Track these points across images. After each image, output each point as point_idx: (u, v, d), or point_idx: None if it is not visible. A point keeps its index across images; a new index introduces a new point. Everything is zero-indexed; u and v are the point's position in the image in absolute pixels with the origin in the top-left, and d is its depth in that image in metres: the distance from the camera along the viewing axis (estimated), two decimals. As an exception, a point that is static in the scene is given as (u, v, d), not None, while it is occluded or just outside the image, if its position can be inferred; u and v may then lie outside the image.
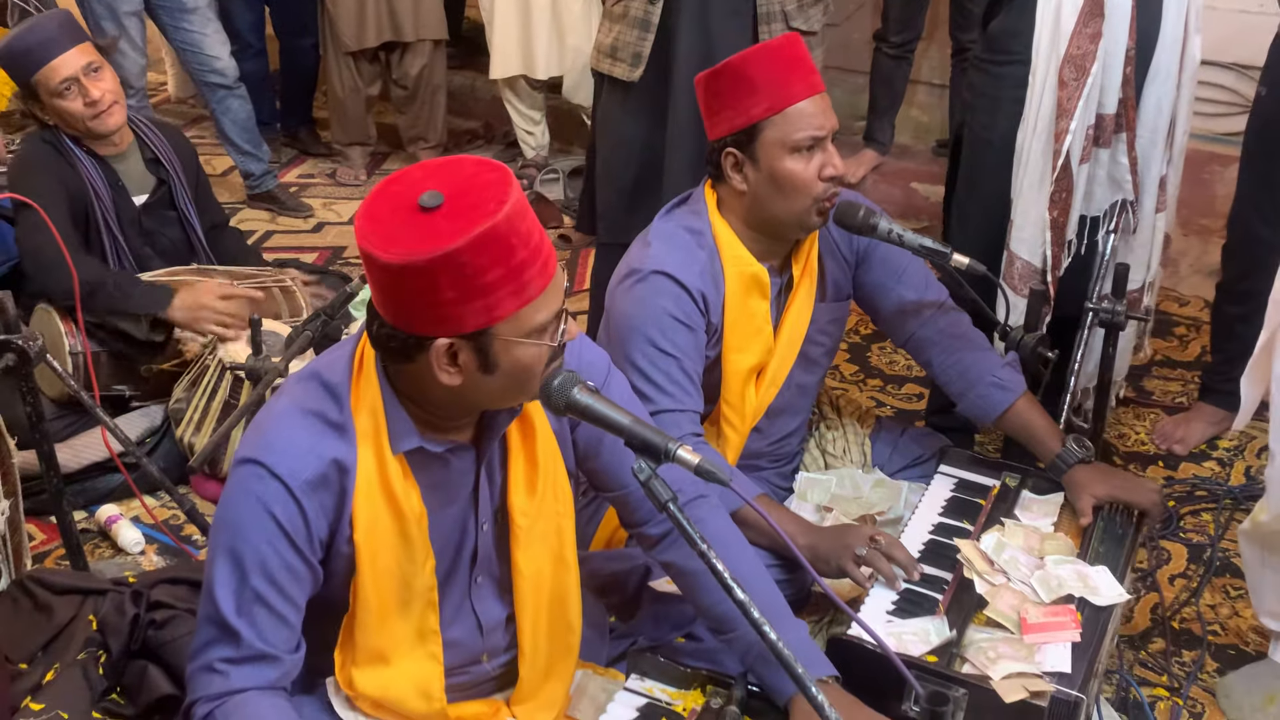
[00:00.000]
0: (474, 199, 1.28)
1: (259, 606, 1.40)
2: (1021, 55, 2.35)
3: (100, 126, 2.65)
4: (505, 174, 1.32)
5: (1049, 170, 2.34)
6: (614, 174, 2.72)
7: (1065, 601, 1.76)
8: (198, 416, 2.53)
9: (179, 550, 2.44)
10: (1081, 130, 2.32)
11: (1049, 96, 2.32)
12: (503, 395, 1.41)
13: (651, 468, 1.33)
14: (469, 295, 1.29)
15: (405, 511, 1.44)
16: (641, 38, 2.55)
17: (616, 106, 2.67)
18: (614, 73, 2.60)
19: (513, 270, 1.29)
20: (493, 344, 1.33)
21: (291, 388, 1.47)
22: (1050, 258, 2.45)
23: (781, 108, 1.92)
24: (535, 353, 1.35)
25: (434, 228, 1.27)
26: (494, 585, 1.59)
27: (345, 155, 4.81)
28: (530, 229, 1.31)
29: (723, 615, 1.57)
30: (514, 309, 1.31)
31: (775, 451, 2.24)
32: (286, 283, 2.89)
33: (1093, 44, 2.26)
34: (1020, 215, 2.44)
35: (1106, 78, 2.29)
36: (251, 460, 1.40)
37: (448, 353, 1.34)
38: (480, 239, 1.26)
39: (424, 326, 1.33)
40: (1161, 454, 2.94)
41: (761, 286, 2.03)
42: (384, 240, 1.29)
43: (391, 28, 4.44)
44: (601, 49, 2.64)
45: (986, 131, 2.52)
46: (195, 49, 3.96)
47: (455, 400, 1.41)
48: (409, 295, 1.31)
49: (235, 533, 1.40)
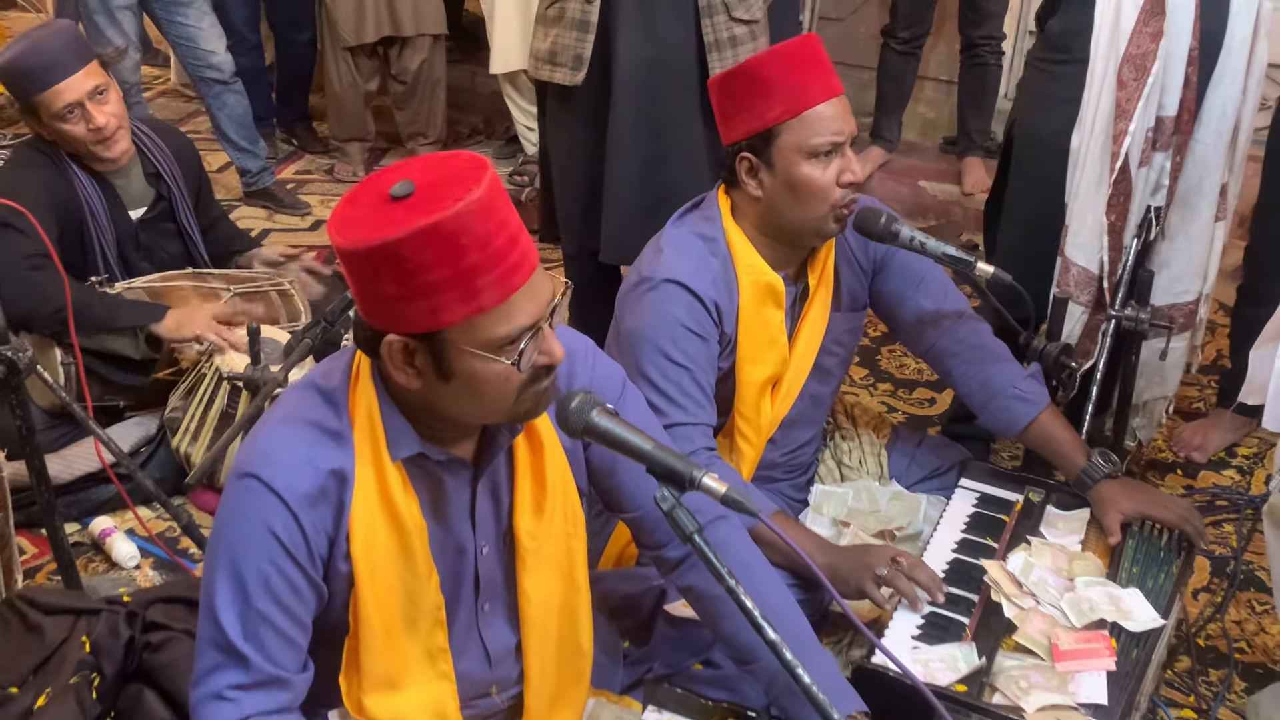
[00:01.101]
0: (439, 192, 1.21)
1: (265, 628, 1.34)
2: (1080, 54, 2.28)
3: (103, 152, 2.55)
4: (480, 170, 1.23)
5: (1107, 173, 2.26)
6: (570, 184, 2.65)
7: (1098, 626, 1.70)
8: (194, 426, 2.46)
9: (175, 565, 2.37)
10: (1141, 132, 2.24)
11: (1107, 97, 2.24)
12: (471, 408, 1.33)
13: (675, 496, 1.26)
14: (412, 293, 1.21)
15: (405, 523, 1.38)
16: (581, 39, 2.47)
17: (563, 114, 2.59)
18: (554, 78, 2.52)
19: (461, 273, 1.20)
20: (446, 350, 1.26)
21: (288, 397, 1.41)
22: (1107, 262, 2.36)
23: (798, 111, 1.85)
24: (497, 369, 1.27)
25: (389, 217, 1.20)
26: (503, 612, 1.52)
27: (343, 151, 4.73)
28: (491, 232, 1.21)
29: (746, 645, 1.51)
30: (463, 315, 1.23)
31: (789, 462, 2.18)
32: (284, 286, 2.81)
33: (1153, 43, 2.18)
34: (1076, 220, 2.36)
35: (1168, 79, 2.21)
36: (248, 474, 1.33)
37: (402, 351, 1.28)
38: (421, 234, 1.18)
39: (374, 319, 1.28)
40: (1180, 462, 2.88)
41: (776, 296, 1.96)
42: (343, 223, 1.24)
43: (391, 22, 4.36)
44: (539, 56, 2.54)
45: (1039, 130, 2.45)
46: (190, 43, 3.88)
47: (432, 408, 1.34)
48: (357, 283, 1.26)
49: (235, 552, 1.33)
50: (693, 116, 2.57)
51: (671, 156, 2.58)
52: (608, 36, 2.48)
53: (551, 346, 1.31)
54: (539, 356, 1.30)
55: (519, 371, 1.28)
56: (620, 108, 2.51)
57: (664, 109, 2.53)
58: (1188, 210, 2.41)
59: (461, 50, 5.38)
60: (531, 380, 1.31)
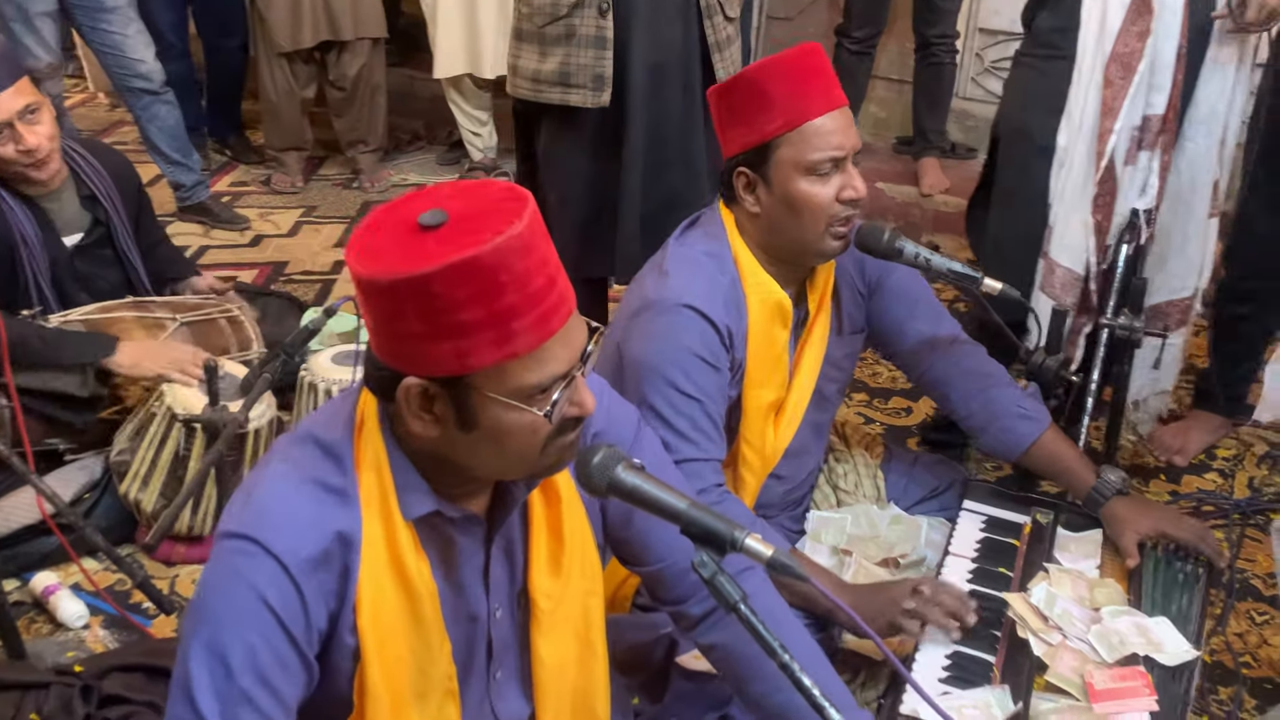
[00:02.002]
0: (475, 224, 1.09)
1: (247, 710, 1.18)
2: (1067, 51, 2.25)
3: (34, 175, 2.36)
4: (520, 203, 1.12)
5: (1092, 171, 2.23)
6: (571, 208, 2.51)
7: (1131, 661, 1.63)
8: (144, 470, 2.27)
9: (127, 623, 2.19)
10: (1127, 131, 2.22)
11: (1094, 95, 2.21)
12: (492, 462, 1.21)
13: (716, 561, 1.14)
14: (439, 333, 1.09)
15: (417, 588, 1.24)
16: (599, 57, 2.33)
17: (567, 136, 2.45)
18: (570, 101, 2.36)
19: (497, 314, 1.09)
20: (470, 396, 1.14)
21: (285, 450, 1.26)
22: (1093, 262, 2.34)
23: (797, 124, 1.75)
24: (526, 420, 1.15)
25: (419, 248, 1.08)
26: (515, 680, 1.40)
27: (280, 161, 4.54)
28: (531, 270, 1.10)
29: (779, 707, 1.40)
30: (494, 360, 1.11)
31: (786, 498, 2.08)
32: (233, 312, 2.64)
33: (1140, 42, 2.15)
34: (1061, 221, 2.33)
35: (1155, 77, 2.19)
36: (240, 535, 1.18)
37: (420, 396, 1.15)
38: (457, 269, 1.06)
39: (393, 359, 1.15)
40: (1162, 466, 2.84)
41: (785, 315, 1.86)
42: (364, 251, 1.11)
43: (329, 26, 4.19)
44: (544, 78, 2.37)
45: (1026, 126, 2.41)
46: (116, 51, 3.66)
47: (447, 460, 1.22)
48: (377, 319, 1.13)
49: (220, 622, 1.18)
50: (696, 122, 2.49)
51: (673, 164, 2.49)
52: (619, 51, 2.35)
53: (584, 397, 1.19)
54: (570, 408, 1.18)
55: (549, 423, 1.16)
56: (635, 122, 2.39)
57: (671, 117, 2.43)
58: (1182, 207, 2.39)
59: (399, 53, 5.21)
60: (559, 432, 1.19)
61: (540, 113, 2.47)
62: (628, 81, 2.38)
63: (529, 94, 2.42)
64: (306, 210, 4.37)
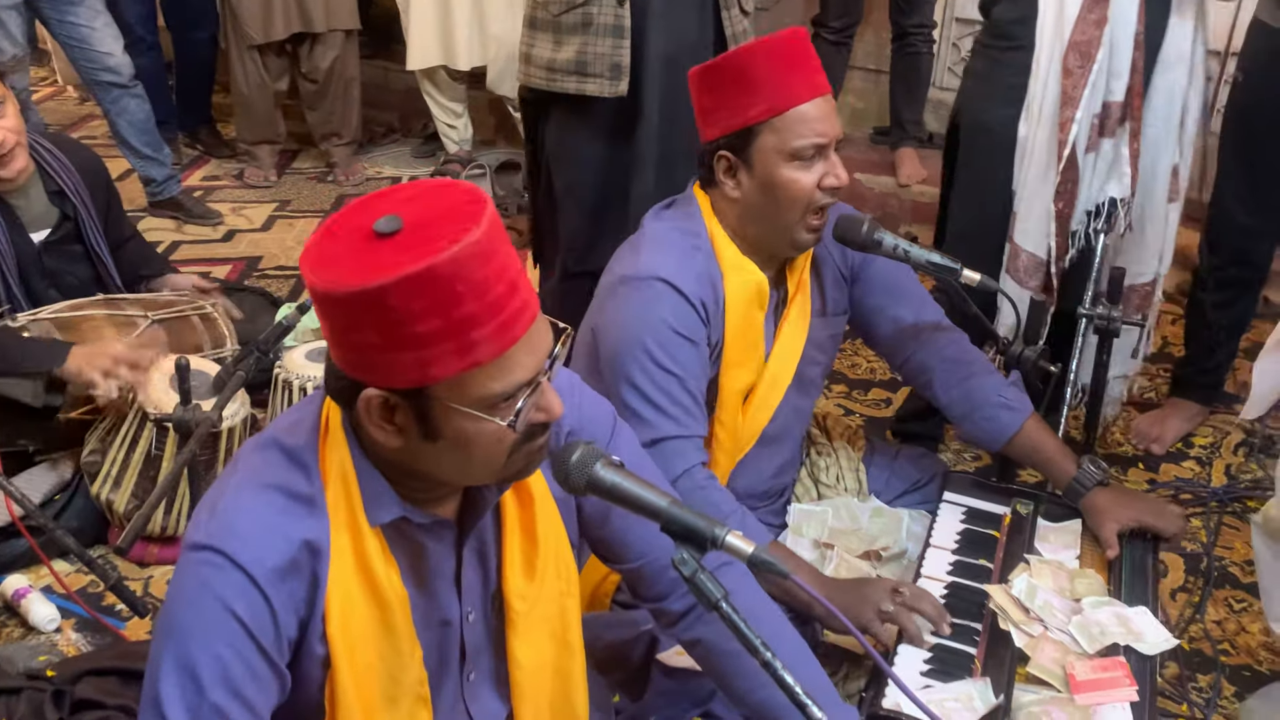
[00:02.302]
0: (431, 231, 1.06)
1: None
2: (1025, 41, 2.26)
3: (1, 172, 2.31)
4: (478, 206, 1.09)
5: (1054, 161, 2.24)
6: (579, 198, 2.48)
7: (1111, 652, 1.63)
8: (116, 471, 2.24)
9: (99, 625, 2.15)
10: (1087, 119, 2.22)
11: (1053, 85, 2.22)
12: (457, 470, 1.19)
13: (696, 559, 1.13)
14: (397, 344, 1.06)
15: (386, 595, 1.23)
16: (617, 46, 2.30)
17: (578, 126, 2.42)
18: (586, 90, 2.34)
19: (456, 324, 1.06)
20: (433, 407, 1.11)
21: (248, 458, 1.24)
22: (1055, 250, 2.35)
23: (782, 110, 1.73)
24: (490, 429, 1.12)
25: (374, 258, 1.05)
26: (490, 681, 1.38)
27: (252, 155, 4.49)
28: (490, 278, 1.07)
29: (761, 703, 1.39)
30: (456, 370, 1.08)
31: (769, 489, 2.07)
32: (206, 309, 2.60)
33: (1097, 29, 2.16)
34: (1024, 207, 2.34)
35: (1114, 64, 2.19)
36: (206, 547, 1.16)
37: (381, 407, 1.12)
38: (411, 281, 1.03)
39: (352, 369, 1.12)
40: (1140, 454, 2.85)
41: (762, 296, 1.85)
42: (319, 260, 1.08)
43: (301, 18, 4.14)
44: (559, 66, 2.35)
45: (985, 116, 2.41)
46: (84, 44, 3.60)
47: (411, 468, 1.20)
48: (334, 329, 1.10)
49: (189, 636, 1.16)
50: None
51: (685, 158, 2.47)
52: (634, 40, 2.33)
53: (550, 402, 1.16)
54: (535, 413, 1.16)
55: (513, 431, 1.14)
56: (648, 114, 2.37)
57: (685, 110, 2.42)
58: (1142, 193, 2.40)
59: (372, 44, 5.16)
60: (526, 438, 1.17)
61: (550, 102, 2.44)
62: (643, 72, 2.36)
63: (543, 83, 2.40)
64: (280, 204, 4.33)
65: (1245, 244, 2.69)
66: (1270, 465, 2.78)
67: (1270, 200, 2.64)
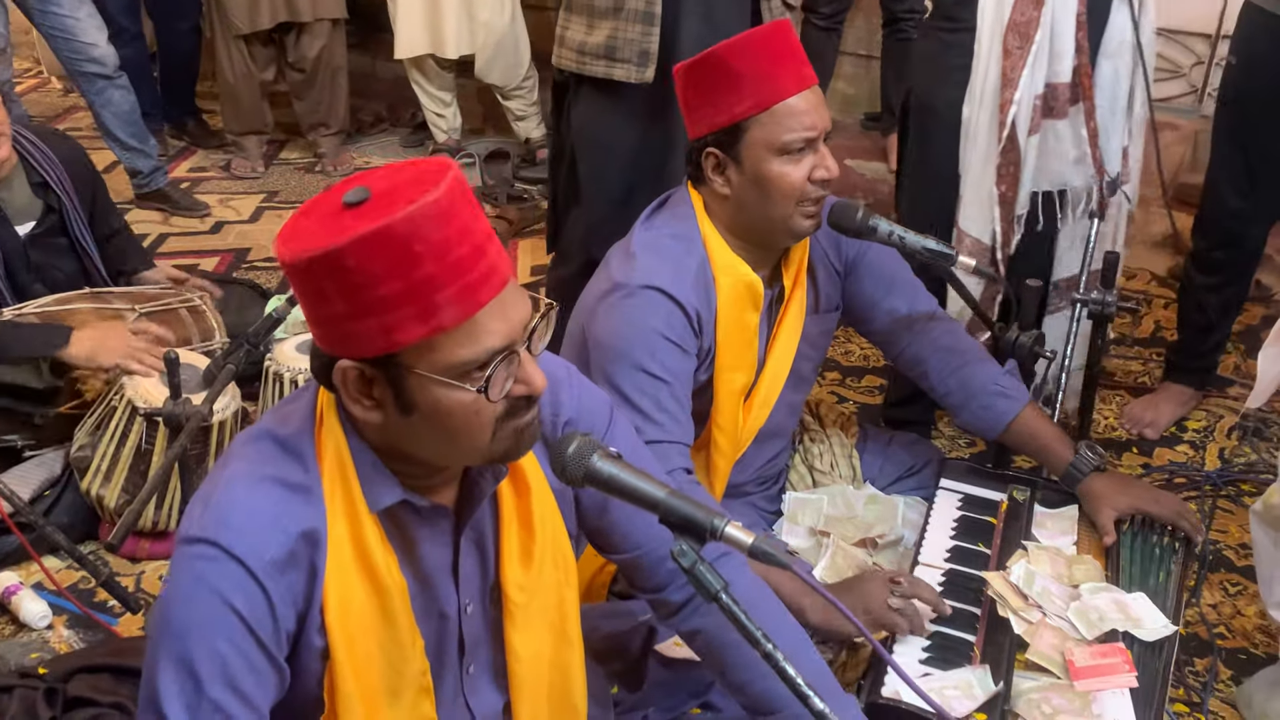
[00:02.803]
0: (393, 197, 1.06)
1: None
2: (969, 23, 2.25)
3: None
4: (441, 171, 1.08)
5: (995, 143, 2.23)
6: (606, 184, 2.48)
7: (1110, 638, 1.62)
8: (106, 465, 2.22)
9: (91, 621, 2.13)
10: (1028, 100, 2.22)
11: (994, 66, 2.21)
12: (441, 447, 1.17)
13: (695, 550, 1.12)
14: (361, 310, 1.06)
15: (386, 583, 1.21)
16: (646, 33, 2.30)
17: (607, 111, 2.41)
18: (614, 75, 2.34)
19: (416, 286, 1.05)
20: (405, 376, 1.10)
21: (241, 449, 1.22)
22: (999, 234, 2.35)
23: (769, 104, 1.72)
24: (465, 399, 1.10)
25: (338, 226, 1.05)
26: (488, 673, 1.37)
27: (240, 145, 4.46)
28: (451, 239, 1.05)
29: (761, 694, 1.38)
30: (420, 335, 1.07)
31: (762, 475, 2.06)
32: (195, 302, 2.58)
33: (1036, 10, 2.16)
34: (969, 191, 2.34)
35: (1056, 45, 2.19)
36: (202, 539, 1.14)
37: (357, 379, 1.12)
38: (367, 240, 1.02)
39: (326, 343, 1.12)
40: (1134, 439, 2.85)
41: (755, 297, 1.83)
42: (289, 235, 1.09)
43: (287, 7, 4.10)
44: (589, 50, 2.35)
45: (932, 99, 2.40)
46: (67, 35, 3.56)
47: (399, 448, 1.18)
48: (305, 303, 1.10)
49: (186, 631, 1.14)
50: None
51: None
52: (667, 28, 2.32)
53: (530, 374, 1.14)
54: (516, 386, 1.13)
55: (489, 401, 1.11)
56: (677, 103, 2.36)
57: None
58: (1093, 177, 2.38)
59: (359, 33, 5.13)
60: (509, 414, 1.15)
61: (580, 85, 2.44)
62: (674, 60, 2.35)
63: (573, 65, 2.40)
64: (268, 195, 4.30)
65: (1238, 228, 2.68)
66: (1263, 449, 2.78)
67: (1263, 184, 2.63)
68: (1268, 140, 2.57)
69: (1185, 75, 4.04)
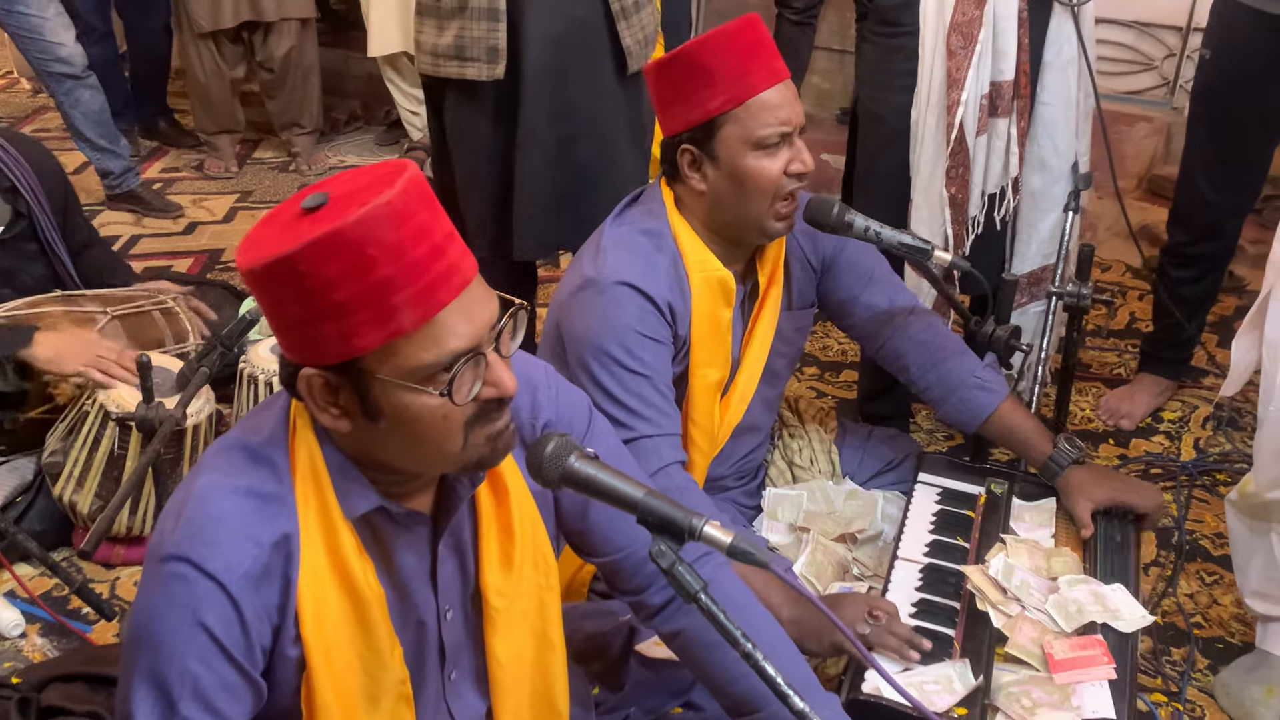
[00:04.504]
0: (348, 201, 1.04)
1: None
2: (911, 26, 2.25)
3: None
4: (397, 172, 1.06)
5: (944, 145, 2.24)
6: (482, 184, 2.46)
7: (1089, 630, 1.63)
8: (78, 471, 2.19)
9: (65, 629, 2.11)
10: (975, 100, 2.23)
11: (939, 67, 2.22)
12: (413, 455, 1.15)
13: (674, 550, 1.11)
14: (319, 315, 1.04)
15: (363, 592, 1.19)
16: (492, 29, 2.28)
17: (469, 112, 2.38)
18: (466, 75, 2.31)
19: (372, 290, 1.03)
20: (369, 384, 1.08)
21: (213, 460, 1.20)
22: (951, 236, 2.36)
23: (743, 99, 1.72)
24: (430, 404, 1.08)
25: (294, 232, 1.04)
26: (471, 678, 1.36)
27: (212, 145, 4.41)
28: (406, 240, 1.04)
29: (743, 694, 1.38)
30: (380, 339, 1.05)
31: (740, 470, 2.06)
32: (167, 303, 2.55)
33: (978, 9, 2.17)
34: (919, 194, 2.35)
35: (999, 43, 2.20)
36: (173, 556, 1.12)
37: (323, 388, 1.10)
38: (319, 245, 1.01)
39: (289, 351, 1.11)
40: (1110, 430, 2.87)
41: (728, 293, 1.83)
42: (249, 243, 1.08)
43: (250, 6, 4.06)
44: (440, 52, 2.33)
45: (879, 106, 2.41)
46: (34, 35, 3.51)
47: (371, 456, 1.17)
48: (268, 311, 1.09)
49: (158, 650, 1.13)
50: (602, 92, 2.41)
51: (581, 139, 2.42)
52: (512, 21, 2.30)
53: (499, 376, 1.12)
54: (485, 389, 1.11)
55: (455, 405, 1.09)
56: (530, 95, 2.33)
57: (572, 89, 2.37)
58: (1047, 174, 2.41)
59: (331, 30, 5.09)
60: (479, 418, 1.13)
61: (443, 88, 2.42)
62: (523, 54, 2.34)
63: (429, 69, 2.38)
64: (242, 195, 4.26)
65: (1213, 220, 2.70)
66: (1237, 438, 2.81)
67: (1237, 176, 2.65)
68: (1241, 132, 2.59)
69: (1157, 68, 4.07)
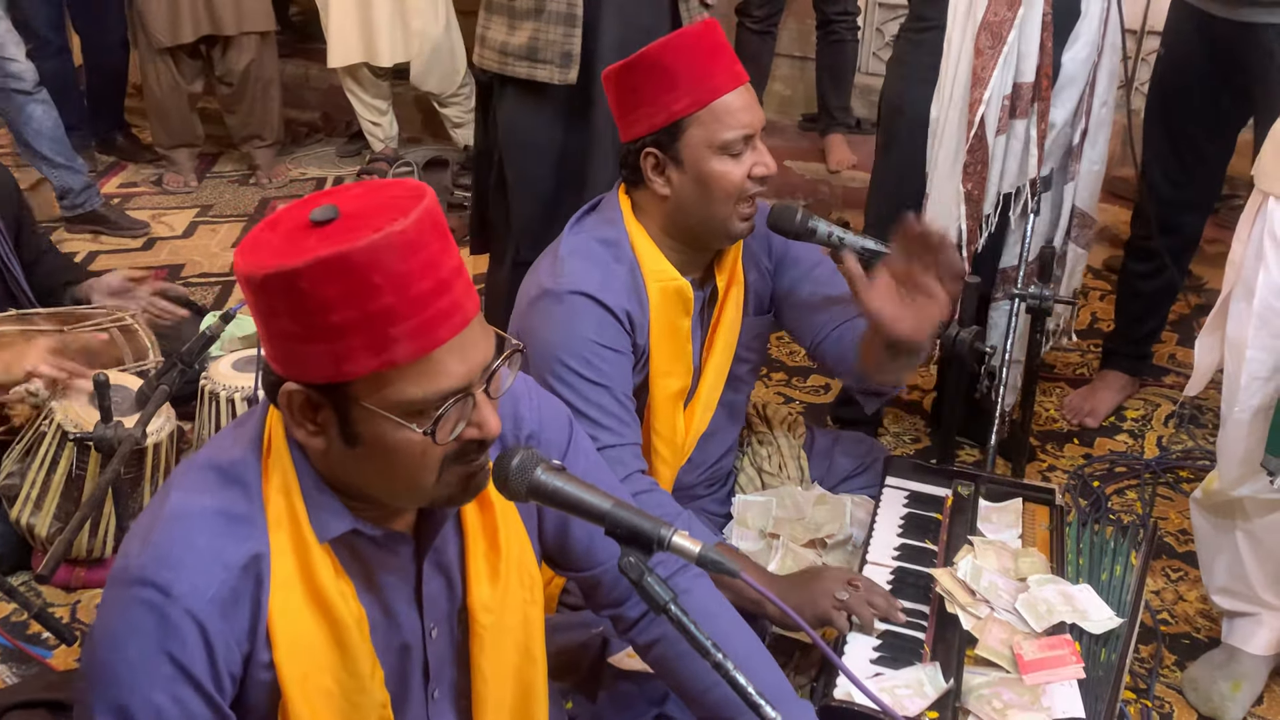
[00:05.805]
0: (361, 221, 1.02)
1: None
2: (938, 21, 2.27)
3: None
4: (414, 200, 1.04)
5: (964, 141, 2.25)
6: (533, 184, 2.46)
7: (1059, 630, 1.64)
8: (36, 493, 2.15)
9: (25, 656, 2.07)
10: (997, 100, 2.24)
11: (964, 65, 2.23)
12: (381, 483, 1.13)
13: (643, 562, 1.10)
14: (311, 334, 1.02)
15: (341, 615, 1.16)
16: (568, 34, 2.30)
17: (531, 111, 2.40)
18: (537, 76, 2.33)
19: (371, 317, 1.01)
20: (352, 409, 1.06)
21: (181, 479, 1.17)
22: (965, 232, 2.36)
23: (706, 102, 1.71)
24: (412, 439, 1.06)
25: (300, 244, 1.01)
26: (452, 696, 1.33)
27: (171, 159, 4.37)
28: (414, 272, 1.01)
29: (716, 703, 1.37)
30: (371, 368, 1.03)
31: (710, 477, 2.06)
32: (126, 320, 2.51)
33: (1010, 11, 2.18)
34: (935, 189, 2.36)
35: (1024, 45, 2.21)
36: (138, 581, 1.09)
37: (304, 403, 1.08)
38: (324, 265, 0.99)
39: (275, 362, 1.08)
40: (1075, 430, 2.89)
41: (685, 302, 1.82)
42: (250, 245, 1.05)
43: (210, 21, 4.02)
44: (511, 50, 2.34)
45: (898, 98, 2.43)
46: (-17, 51, 3.46)
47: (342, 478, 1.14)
48: (258, 317, 1.07)
49: (120, 683, 1.09)
50: None
51: None
52: (589, 30, 2.32)
53: (485, 417, 1.09)
54: (468, 429, 1.09)
55: (436, 444, 1.07)
56: (601, 102, 2.34)
57: None
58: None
59: (291, 42, 5.05)
60: (458, 457, 1.11)
61: (504, 86, 2.42)
62: (596, 60, 2.35)
63: (495, 66, 2.38)
64: (202, 210, 4.21)
65: (1175, 216, 2.73)
66: (1199, 435, 2.84)
67: (1196, 173, 2.69)
68: (1198, 130, 2.62)
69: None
